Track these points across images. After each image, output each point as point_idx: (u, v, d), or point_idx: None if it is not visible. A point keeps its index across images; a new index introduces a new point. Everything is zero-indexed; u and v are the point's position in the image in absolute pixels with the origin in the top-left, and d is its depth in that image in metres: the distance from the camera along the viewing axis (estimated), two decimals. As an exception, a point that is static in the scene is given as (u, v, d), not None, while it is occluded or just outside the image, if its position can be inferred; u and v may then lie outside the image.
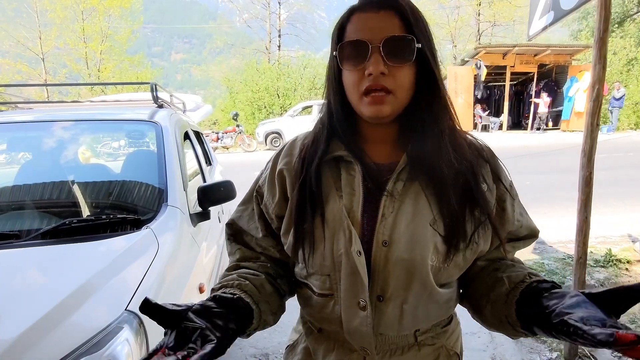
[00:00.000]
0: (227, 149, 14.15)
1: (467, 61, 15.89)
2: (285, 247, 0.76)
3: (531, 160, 9.33)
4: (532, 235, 0.78)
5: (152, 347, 0.57)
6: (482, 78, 14.41)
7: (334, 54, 0.69)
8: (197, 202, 1.76)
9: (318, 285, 0.72)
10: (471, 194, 0.68)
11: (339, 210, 0.69)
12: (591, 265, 3.44)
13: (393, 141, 0.73)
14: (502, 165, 0.76)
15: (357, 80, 0.66)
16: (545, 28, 2.27)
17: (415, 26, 0.65)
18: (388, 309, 0.68)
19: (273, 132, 13.82)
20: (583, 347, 2.26)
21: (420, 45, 0.65)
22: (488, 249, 0.73)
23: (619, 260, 3.49)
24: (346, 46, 0.67)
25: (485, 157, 0.73)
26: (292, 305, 0.89)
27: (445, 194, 0.67)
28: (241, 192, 2.41)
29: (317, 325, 0.77)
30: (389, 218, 0.67)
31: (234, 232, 0.83)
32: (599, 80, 1.91)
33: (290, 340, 0.87)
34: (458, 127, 0.72)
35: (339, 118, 0.72)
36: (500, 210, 0.72)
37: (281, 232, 0.76)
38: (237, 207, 0.85)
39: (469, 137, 0.75)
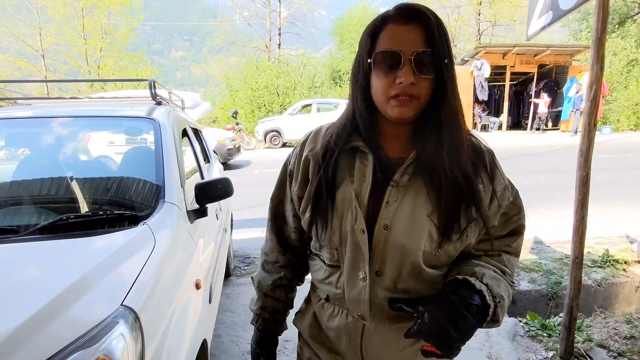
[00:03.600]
0: (227, 146, 14.13)
1: (467, 60, 15.88)
2: (302, 223, 0.89)
3: (530, 161, 9.34)
4: (515, 232, 0.87)
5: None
6: (487, 75, 14.37)
7: (368, 61, 0.76)
8: (195, 199, 1.76)
9: (328, 257, 0.86)
10: (468, 193, 0.76)
11: (349, 193, 0.80)
12: (588, 266, 3.45)
13: (406, 138, 0.81)
14: (499, 170, 0.84)
15: (387, 85, 0.74)
16: (543, 28, 2.27)
17: (440, 42, 0.72)
18: (384, 283, 0.80)
19: (272, 130, 13.80)
20: (579, 347, 2.27)
21: (445, 61, 0.73)
22: (475, 242, 0.82)
23: (617, 261, 3.50)
24: (380, 54, 0.74)
25: (484, 161, 0.81)
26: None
27: (445, 190, 0.75)
28: (239, 190, 2.39)
29: (324, 294, 0.90)
30: (393, 205, 0.77)
31: (274, 215, 0.99)
32: (596, 81, 1.91)
33: (300, 307, 1.04)
34: (465, 130, 0.79)
35: (363, 115, 0.81)
36: (488, 208, 0.81)
37: (300, 210, 0.89)
38: (274, 189, 0.98)
39: (474, 139, 0.83)
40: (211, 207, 2.05)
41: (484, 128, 15.75)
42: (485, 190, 0.79)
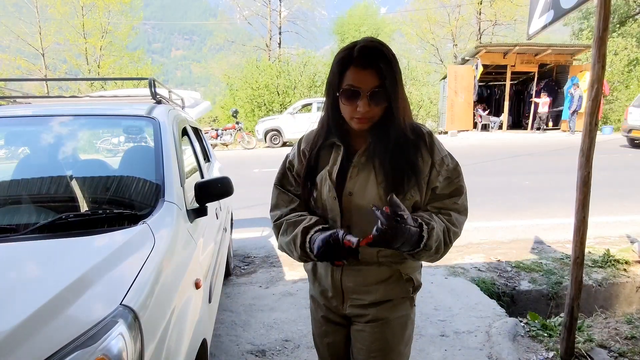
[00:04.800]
0: (227, 146, 14.13)
1: (468, 60, 15.86)
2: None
3: (531, 160, 9.33)
4: (458, 193, 1.14)
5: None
6: (477, 77, 14.41)
7: (337, 94, 1.07)
8: (195, 198, 1.76)
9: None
10: (408, 167, 1.07)
11: (325, 173, 1.13)
12: (589, 266, 3.44)
13: (365, 135, 1.12)
14: (437, 146, 1.12)
15: (351, 110, 1.06)
16: (544, 27, 2.26)
17: (389, 80, 1.02)
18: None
19: (272, 130, 13.79)
20: (579, 347, 2.26)
21: (392, 94, 1.03)
22: (423, 201, 1.12)
23: (617, 261, 3.49)
24: (346, 89, 1.04)
25: (424, 140, 1.11)
26: (288, 303, 0.99)
27: (388, 166, 1.07)
28: (239, 189, 2.39)
29: None
30: (354, 179, 1.11)
31: (281, 186, 1.26)
32: (598, 80, 1.90)
33: None
34: (406, 124, 1.08)
35: (335, 124, 1.14)
36: (429, 174, 1.10)
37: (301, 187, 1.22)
38: (277, 175, 1.26)
39: (418, 126, 1.13)
40: (211, 206, 2.05)
41: (485, 127, 15.74)
42: (424, 162, 1.09)
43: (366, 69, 1.01)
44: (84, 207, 1.64)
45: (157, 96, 2.27)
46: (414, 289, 1.21)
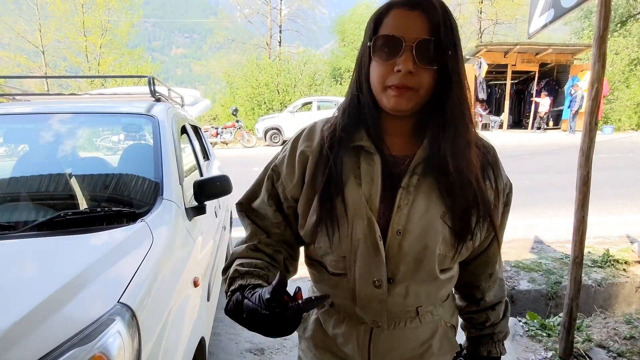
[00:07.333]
0: (227, 144, 14.11)
1: (469, 59, 15.84)
2: (302, 228, 0.79)
3: (531, 160, 9.32)
4: (504, 226, 0.88)
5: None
6: (483, 75, 14.36)
7: (367, 45, 0.71)
8: (193, 196, 1.76)
9: (333, 265, 0.78)
10: (478, 192, 0.73)
11: (358, 198, 0.73)
12: (589, 266, 3.44)
13: (408, 134, 0.76)
14: (502, 168, 0.81)
15: (384, 73, 0.69)
16: (545, 26, 2.26)
17: (445, 32, 0.67)
18: (396, 289, 0.75)
19: (272, 128, 13.79)
20: (578, 347, 2.26)
21: (449, 52, 0.67)
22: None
23: (617, 261, 3.49)
24: (381, 39, 0.69)
25: (489, 159, 0.78)
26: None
27: (457, 189, 0.71)
28: (238, 187, 2.38)
29: (330, 300, 0.82)
30: (404, 209, 0.72)
31: (245, 210, 0.88)
32: (598, 79, 1.90)
33: None
34: (473, 129, 0.75)
35: (369, 106, 0.74)
36: (497, 207, 0.79)
37: (300, 214, 0.80)
38: (248, 188, 0.89)
39: (479, 136, 0.80)
40: (210, 204, 2.04)
41: (485, 127, 15.72)
42: (491, 190, 0.77)
43: (414, 10, 0.67)
44: (82, 204, 1.64)
45: (157, 94, 2.26)
46: (454, 335, 0.93)
